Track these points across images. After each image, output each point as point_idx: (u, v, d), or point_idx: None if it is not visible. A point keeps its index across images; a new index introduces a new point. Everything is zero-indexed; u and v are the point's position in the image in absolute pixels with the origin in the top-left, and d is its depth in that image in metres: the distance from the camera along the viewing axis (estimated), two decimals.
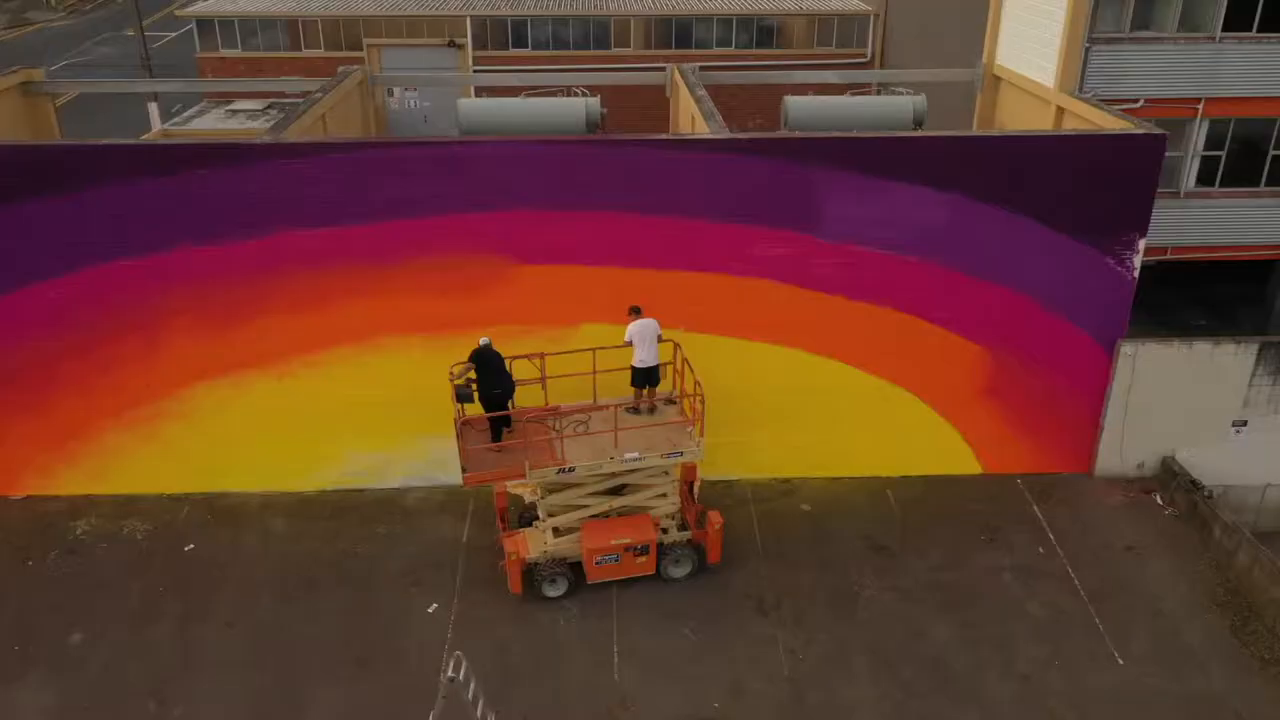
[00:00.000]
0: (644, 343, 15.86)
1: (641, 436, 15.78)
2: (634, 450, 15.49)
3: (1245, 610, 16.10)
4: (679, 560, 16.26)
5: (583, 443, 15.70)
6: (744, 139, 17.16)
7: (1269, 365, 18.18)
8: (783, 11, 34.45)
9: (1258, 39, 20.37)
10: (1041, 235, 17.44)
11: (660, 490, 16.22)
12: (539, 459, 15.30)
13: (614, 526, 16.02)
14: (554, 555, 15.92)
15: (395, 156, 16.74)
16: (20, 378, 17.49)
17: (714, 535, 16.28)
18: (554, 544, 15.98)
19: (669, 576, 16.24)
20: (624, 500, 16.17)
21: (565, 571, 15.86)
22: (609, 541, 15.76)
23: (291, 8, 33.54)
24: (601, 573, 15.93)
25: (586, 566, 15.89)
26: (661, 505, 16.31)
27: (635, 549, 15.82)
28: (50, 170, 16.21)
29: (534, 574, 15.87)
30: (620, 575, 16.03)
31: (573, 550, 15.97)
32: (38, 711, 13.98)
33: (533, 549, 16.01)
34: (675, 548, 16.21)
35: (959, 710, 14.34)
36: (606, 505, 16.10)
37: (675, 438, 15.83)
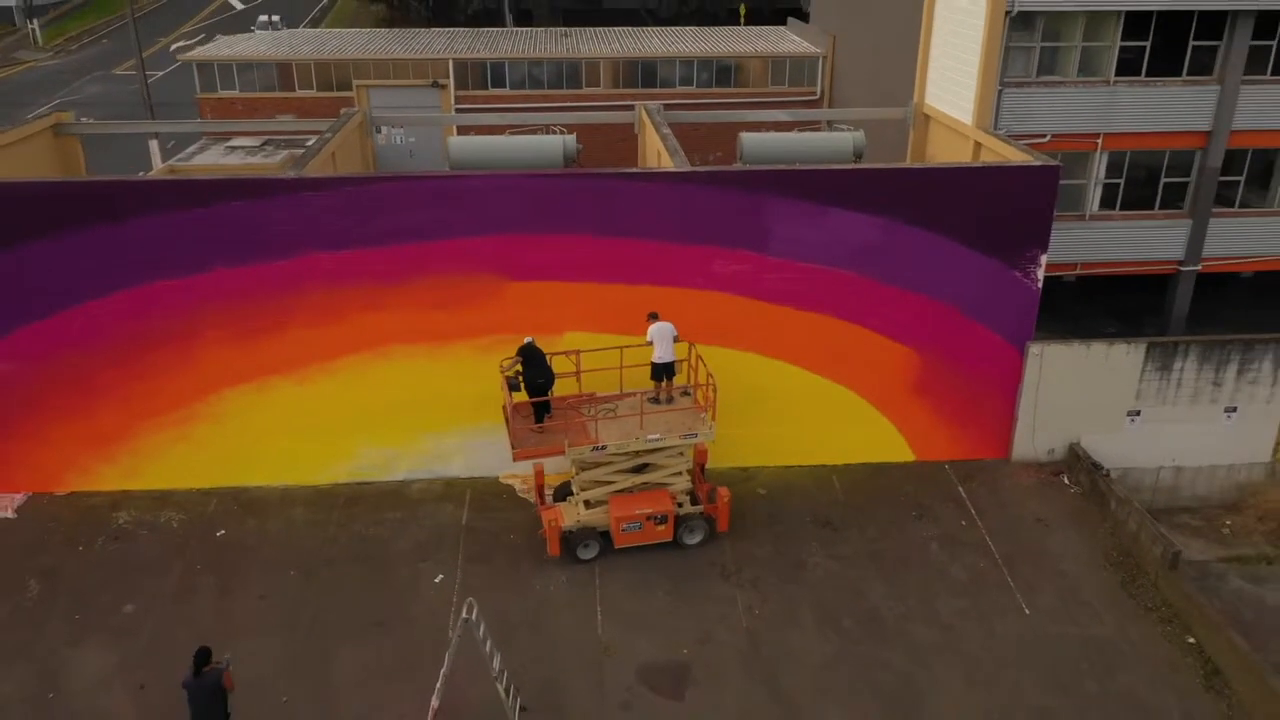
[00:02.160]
0: (662, 342, 18.61)
1: (661, 421, 18.56)
2: (655, 432, 18.31)
3: (1134, 568, 18.91)
4: (693, 529, 19.00)
5: (612, 426, 18.51)
6: (703, 172, 19.95)
7: (1155, 362, 21.15)
8: (740, 54, 37.50)
9: (1146, 82, 23.57)
10: (960, 253, 20.32)
11: (676, 469, 19.00)
12: (576, 439, 18.19)
13: (637, 499, 18.78)
14: (586, 524, 18.64)
15: (401, 189, 19.34)
16: (66, 386, 19.77)
17: (723, 507, 19.12)
18: (586, 515, 18.72)
19: (684, 543, 18.99)
20: (645, 477, 18.93)
21: (596, 538, 18.60)
22: (633, 512, 18.52)
23: (285, 52, 36.11)
24: (626, 539, 18.64)
25: (614, 533, 18.60)
26: (677, 482, 19.07)
27: (655, 518, 18.58)
28: (103, 202, 18.61)
29: (569, 540, 18.52)
30: (642, 541, 18.75)
31: (602, 520, 18.66)
32: (103, 668, 16.21)
33: (568, 519, 18.73)
34: (690, 518, 18.96)
35: (890, 653, 16.95)
36: (630, 481, 18.86)
37: (690, 423, 18.64)
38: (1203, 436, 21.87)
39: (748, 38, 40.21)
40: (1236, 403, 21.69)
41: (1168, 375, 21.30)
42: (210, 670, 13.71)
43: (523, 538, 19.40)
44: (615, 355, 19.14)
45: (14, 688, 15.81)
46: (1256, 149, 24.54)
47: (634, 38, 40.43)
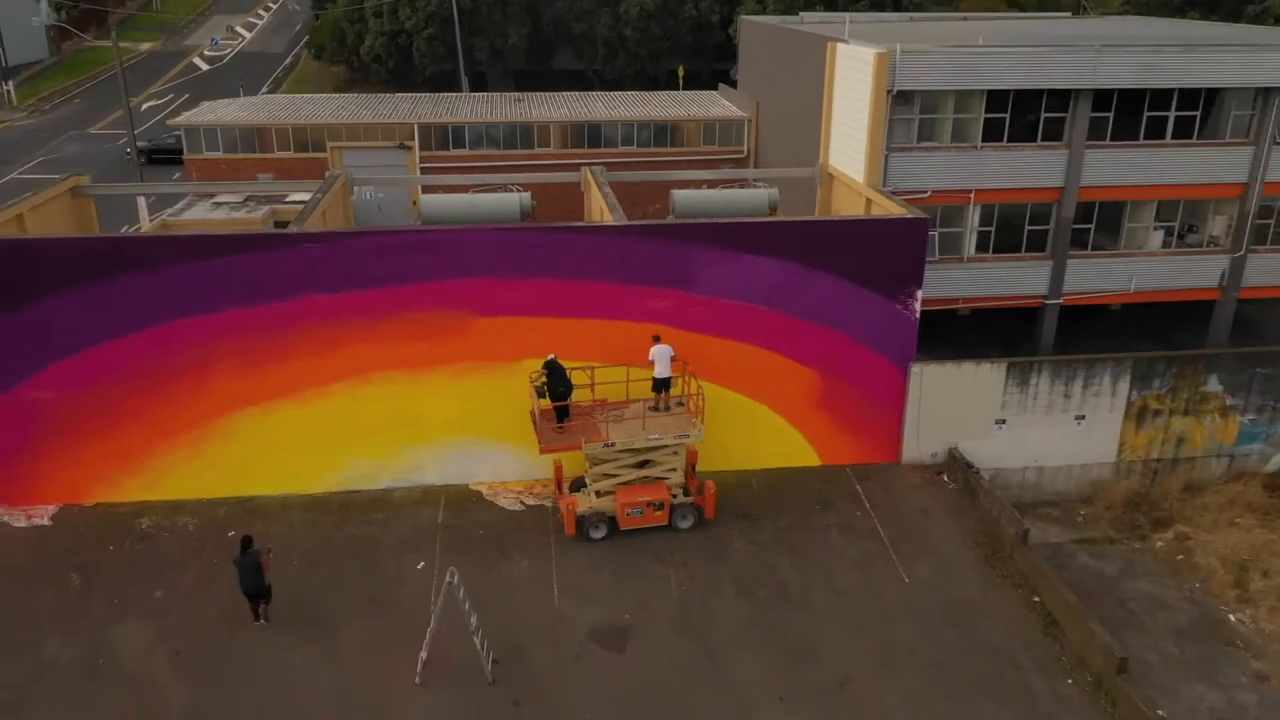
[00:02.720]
0: (661, 361, 22.78)
1: (660, 424, 22.70)
2: (655, 433, 22.40)
3: (995, 546, 23.04)
4: (684, 515, 22.99)
5: (619, 428, 22.56)
6: (639, 225, 24.06)
7: (1015, 379, 25.50)
8: (675, 117, 41.96)
9: (1007, 147, 28.26)
10: (852, 290, 24.55)
11: (672, 465, 23.01)
12: (590, 437, 22.31)
13: (639, 490, 22.78)
14: (597, 510, 22.60)
15: (385, 241, 23.15)
16: (95, 411, 23.09)
17: (709, 498, 23.09)
18: (597, 502, 22.76)
19: (677, 527, 22.99)
20: (645, 471, 22.95)
21: (605, 521, 22.52)
22: (636, 499, 22.55)
23: (265, 118, 39.79)
24: (630, 522, 22.61)
25: (619, 517, 22.56)
26: (672, 476, 23.04)
27: (654, 505, 22.60)
28: (133, 254, 22.14)
29: (583, 522, 22.40)
30: (642, 524, 22.69)
31: (610, 507, 22.63)
32: (142, 640, 19.48)
33: (581, 506, 22.71)
34: (682, 507, 22.96)
35: (795, 616, 20.80)
36: (633, 475, 22.86)
37: (683, 426, 22.84)
38: (1059, 441, 26.22)
39: (682, 102, 44.81)
40: (1085, 411, 26.10)
41: (1026, 389, 25.65)
42: (252, 552, 18.94)
43: (490, 533, 23.03)
44: (622, 371, 23.31)
45: (71, 656, 19.03)
46: (1103, 201, 29.32)
47: (580, 102, 44.77)
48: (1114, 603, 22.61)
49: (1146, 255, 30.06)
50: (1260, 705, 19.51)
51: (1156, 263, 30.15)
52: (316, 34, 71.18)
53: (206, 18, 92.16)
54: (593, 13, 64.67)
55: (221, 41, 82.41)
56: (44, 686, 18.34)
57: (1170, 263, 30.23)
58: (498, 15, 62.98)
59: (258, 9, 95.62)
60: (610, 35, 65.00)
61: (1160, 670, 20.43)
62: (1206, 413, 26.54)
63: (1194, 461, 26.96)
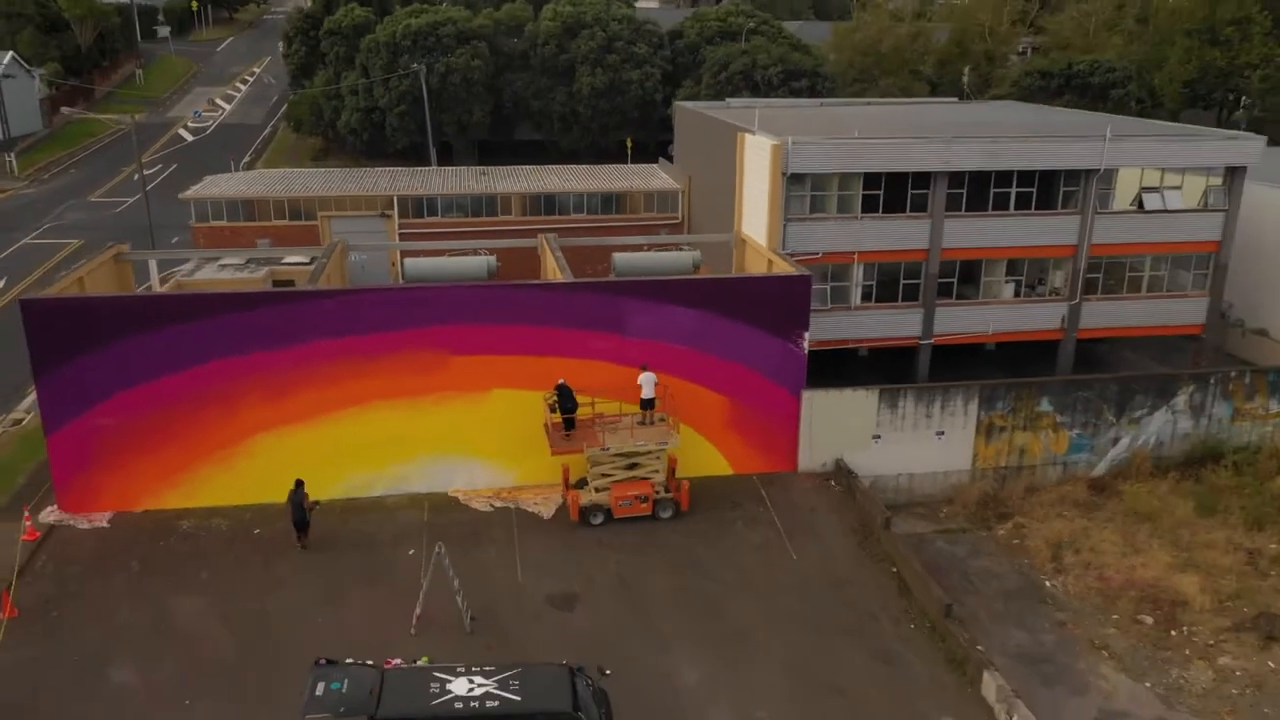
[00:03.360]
0: (647, 385, 29.06)
1: (646, 434, 28.95)
2: (643, 440, 28.53)
3: (866, 534, 29.15)
4: (665, 507, 29.16)
5: (614, 436, 28.79)
6: (584, 282, 30.28)
7: (886, 403, 31.85)
8: (620, 188, 48.50)
9: (883, 217, 34.97)
10: (755, 333, 30.84)
11: (655, 467, 29.18)
12: (591, 442, 28.49)
13: (630, 486, 28.94)
14: (596, 502, 28.77)
15: (379, 297, 29.15)
16: (145, 434, 28.61)
17: (684, 495, 29.31)
18: (596, 496, 28.90)
19: (660, 517, 29.11)
20: (635, 472, 29.08)
21: (602, 511, 28.68)
22: (627, 494, 28.74)
23: (262, 191, 45.71)
24: (622, 512, 28.81)
25: (614, 508, 28.67)
26: (656, 476, 29.12)
27: (641, 499, 28.77)
28: (178, 309, 27.92)
29: (584, 512, 28.56)
30: (632, 514, 28.89)
31: (606, 500, 28.74)
32: (196, 606, 24.90)
33: (584, 499, 28.82)
34: (663, 500, 29.08)
35: (707, 584, 26.64)
36: (625, 474, 28.99)
37: (664, 436, 29.10)
38: (924, 452, 32.55)
39: (626, 175, 51.44)
40: (944, 428, 32.51)
41: (896, 411, 32.02)
42: (298, 491, 26.65)
43: (466, 529, 28.73)
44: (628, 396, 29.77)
45: (140, 620, 24.42)
46: (963, 260, 36.10)
47: (538, 175, 51.19)
48: (959, 575, 28.83)
49: (1000, 303, 36.85)
50: (1055, 644, 25.72)
51: (1009, 309, 36.94)
52: (296, 108, 77.44)
53: (187, 90, 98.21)
54: (549, 91, 71.68)
55: (204, 114, 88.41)
56: (122, 642, 23.71)
57: (1020, 309, 37.02)
58: (463, 94, 69.72)
59: (235, 82, 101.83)
60: (565, 111, 72.01)
61: (986, 621, 26.59)
62: (1041, 429, 33.08)
63: (1034, 468, 33.40)
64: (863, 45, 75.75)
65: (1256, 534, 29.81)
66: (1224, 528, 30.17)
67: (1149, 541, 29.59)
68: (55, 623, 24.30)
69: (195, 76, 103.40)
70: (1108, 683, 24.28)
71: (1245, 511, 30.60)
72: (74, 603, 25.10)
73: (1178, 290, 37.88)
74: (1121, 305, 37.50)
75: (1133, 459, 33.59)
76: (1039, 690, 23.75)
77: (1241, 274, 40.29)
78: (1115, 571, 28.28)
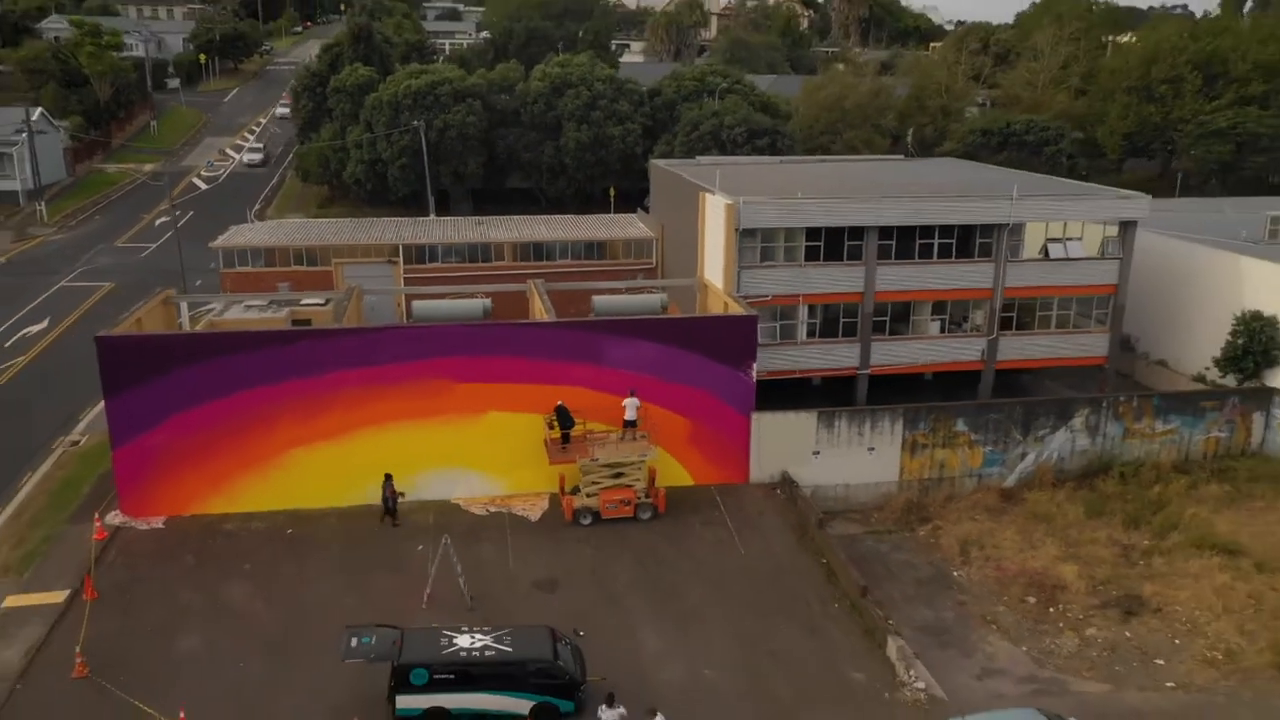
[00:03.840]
0: (630, 408, 34.44)
1: (629, 448, 34.33)
2: (625, 453, 33.85)
3: (803, 532, 34.55)
4: (645, 510, 34.46)
5: (602, 449, 34.15)
6: (566, 321, 35.88)
7: (824, 423, 37.36)
8: (601, 237, 54.29)
9: (824, 265, 40.76)
10: (710, 363, 36.38)
11: (637, 476, 34.52)
12: (583, 454, 33.88)
13: (615, 492, 34.25)
14: (586, 505, 34.03)
15: (394, 334, 34.70)
16: (194, 450, 33.94)
17: (661, 500, 34.69)
18: (587, 500, 34.23)
19: (640, 518, 34.38)
20: (619, 480, 34.38)
21: (592, 513, 33.97)
22: (613, 498, 34.04)
23: (281, 240, 51.33)
24: (609, 513, 34.14)
25: (602, 510, 34.04)
26: (637, 484, 34.49)
27: (624, 503, 34.11)
28: (225, 344, 33.40)
29: (577, 514, 33.86)
30: (617, 515, 34.20)
31: (595, 503, 34.05)
32: (243, 591, 30.12)
33: (577, 503, 34.11)
34: (643, 505, 34.40)
35: (668, 573, 31.97)
36: (611, 482, 34.34)
37: (644, 449, 34.46)
38: (858, 466, 38.00)
39: (607, 225, 57.27)
40: (874, 445, 38.02)
41: (832, 430, 37.53)
42: (388, 484, 32.13)
43: (466, 529, 34.01)
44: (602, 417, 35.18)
45: (198, 600, 29.65)
46: (894, 301, 41.84)
47: (528, 224, 56.93)
48: (882, 567, 34.22)
49: (928, 339, 42.58)
50: (954, 619, 31.11)
51: (936, 344, 42.67)
52: (304, 159, 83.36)
53: (198, 140, 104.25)
54: (538, 144, 77.80)
55: (215, 163, 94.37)
56: (184, 618, 28.92)
57: (946, 344, 42.77)
58: (459, 147, 75.74)
59: (242, 132, 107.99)
60: (553, 162, 78.11)
61: (900, 602, 31.95)
62: (958, 446, 38.60)
63: (953, 479, 38.87)
64: (827, 101, 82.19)
65: (1132, 531, 35.31)
66: (1106, 527, 35.66)
67: (1043, 539, 35.04)
68: (128, 603, 29.52)
69: (205, 126, 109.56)
70: (992, 648, 29.66)
71: (1125, 514, 36.10)
72: (141, 588, 30.34)
73: (1083, 327, 43.71)
74: (1033, 339, 43.30)
75: (1037, 472, 39.09)
76: (935, 653, 29.10)
77: (1148, 312, 46.29)
78: (1011, 563, 33.70)
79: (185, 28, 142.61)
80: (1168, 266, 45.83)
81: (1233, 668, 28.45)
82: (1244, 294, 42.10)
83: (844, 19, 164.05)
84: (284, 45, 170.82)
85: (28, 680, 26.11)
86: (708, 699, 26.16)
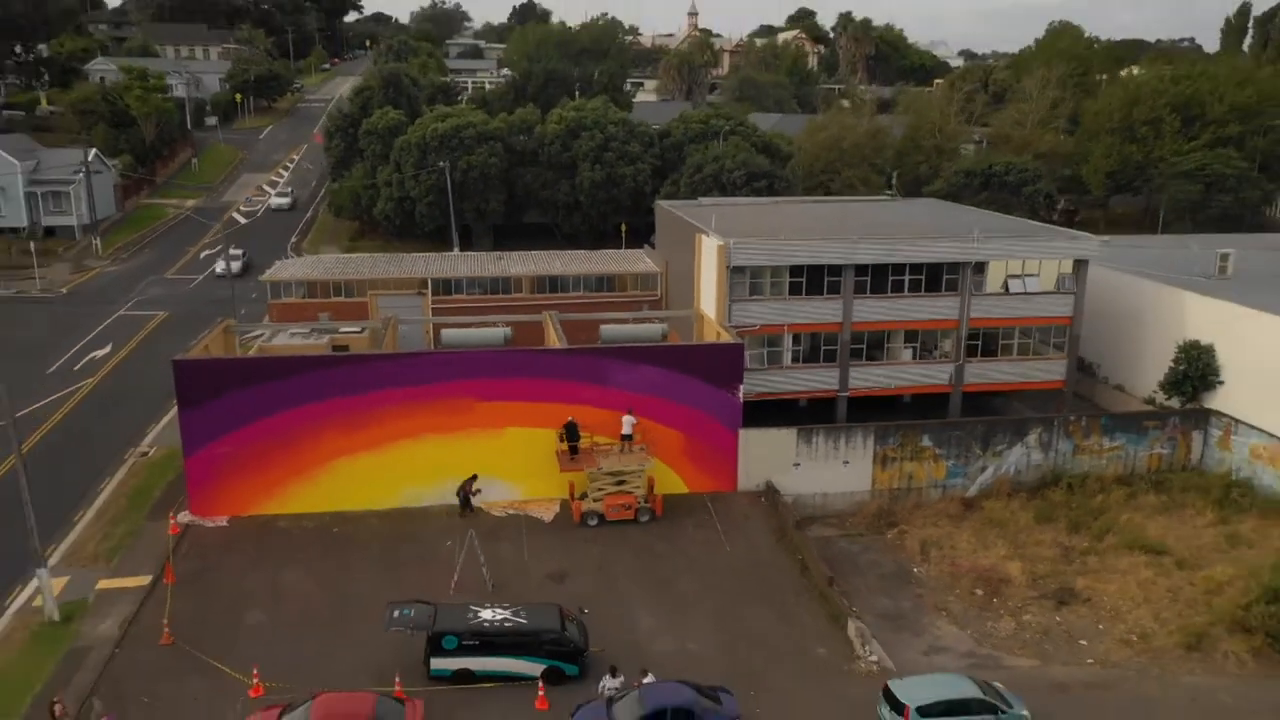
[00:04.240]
0: (626, 424, 39.50)
1: (629, 459, 39.34)
2: (627, 464, 38.93)
3: (783, 533, 39.43)
4: (644, 513, 39.44)
5: (606, 460, 39.25)
6: (576, 348, 41.11)
7: (803, 439, 42.29)
8: (610, 271, 59.60)
9: (805, 298, 45.83)
10: (702, 385, 41.46)
11: (637, 483, 39.56)
12: (590, 464, 39.02)
13: (618, 498, 39.26)
14: (592, 509, 39.04)
15: (427, 358, 40.01)
16: (253, 459, 39.23)
17: (659, 504, 39.59)
18: (593, 505, 39.24)
19: (640, 521, 39.33)
20: (622, 487, 39.41)
21: (598, 515, 38.93)
22: (616, 503, 39.05)
23: (322, 274, 56.95)
24: (613, 516, 39.20)
25: (607, 513, 39.06)
26: (637, 490, 39.47)
27: (626, 507, 39.05)
28: (281, 367, 38.77)
29: (584, 516, 38.89)
30: (620, 518, 39.18)
31: (601, 507, 39.13)
32: (298, 577, 35.29)
33: (585, 506, 39.15)
34: (642, 509, 39.36)
35: (662, 567, 36.92)
36: (614, 489, 39.35)
37: (642, 460, 39.54)
38: (834, 476, 42.86)
39: (616, 260, 62.63)
40: (848, 458, 42.90)
41: (811, 445, 42.44)
42: (469, 482, 37.46)
43: (488, 528, 39.09)
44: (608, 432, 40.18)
45: (260, 584, 34.82)
46: (870, 330, 46.83)
47: (544, 259, 62.31)
48: (851, 565, 39.01)
49: (901, 364, 47.50)
50: (910, 607, 35.86)
51: (908, 369, 47.58)
52: (337, 196, 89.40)
53: (237, 175, 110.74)
54: (554, 183, 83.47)
55: (253, 199, 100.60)
56: (250, 598, 34.09)
57: (917, 369, 47.65)
58: (481, 185, 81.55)
59: (277, 168, 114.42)
60: (569, 200, 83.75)
61: (865, 593, 36.72)
62: (925, 459, 43.42)
63: (920, 490, 43.64)
64: (827, 141, 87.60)
65: (1074, 535, 39.97)
66: (1052, 531, 40.36)
67: (995, 541, 39.76)
68: (202, 586, 34.72)
69: (242, 163, 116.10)
70: (940, 631, 34.40)
71: (1069, 520, 40.78)
72: (212, 574, 35.56)
73: (1042, 354, 48.53)
74: (997, 365, 48.12)
75: (996, 483, 43.84)
76: (891, 634, 33.85)
77: (1106, 340, 51.11)
78: (965, 561, 38.43)
79: (220, 67, 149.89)
80: (1122, 300, 50.63)
81: (1145, 648, 33.10)
82: (1185, 325, 46.82)
83: (851, 56, 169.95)
84: (313, 82, 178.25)
85: (124, 646, 31.33)
86: (692, 666, 30.98)
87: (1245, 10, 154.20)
